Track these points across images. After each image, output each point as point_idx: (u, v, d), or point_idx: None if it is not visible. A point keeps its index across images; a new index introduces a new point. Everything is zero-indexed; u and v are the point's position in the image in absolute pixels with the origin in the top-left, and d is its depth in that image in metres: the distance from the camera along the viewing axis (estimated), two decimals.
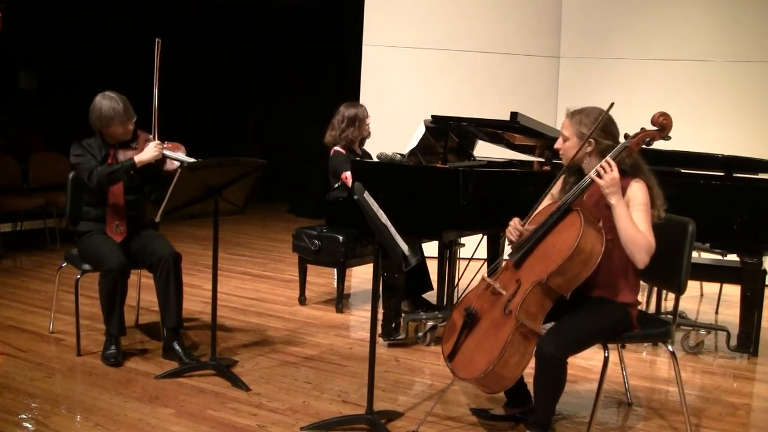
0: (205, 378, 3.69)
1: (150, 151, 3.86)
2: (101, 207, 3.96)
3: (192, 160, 3.81)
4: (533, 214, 3.09)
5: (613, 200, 2.84)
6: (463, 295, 3.25)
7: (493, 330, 2.94)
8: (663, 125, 2.92)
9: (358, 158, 4.89)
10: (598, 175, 2.85)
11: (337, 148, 5.00)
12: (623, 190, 2.89)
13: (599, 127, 2.94)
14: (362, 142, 5.18)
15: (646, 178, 2.96)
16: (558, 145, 3.08)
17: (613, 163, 2.85)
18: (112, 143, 3.95)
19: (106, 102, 3.87)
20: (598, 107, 3.02)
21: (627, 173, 2.94)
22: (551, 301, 2.91)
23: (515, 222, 3.09)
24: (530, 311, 2.88)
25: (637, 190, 2.91)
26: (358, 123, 5.03)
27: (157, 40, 3.91)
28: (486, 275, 3.23)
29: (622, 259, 2.96)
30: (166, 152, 3.89)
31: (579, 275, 2.85)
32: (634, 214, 2.86)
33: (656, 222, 2.92)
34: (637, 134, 2.92)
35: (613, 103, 2.93)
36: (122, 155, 3.92)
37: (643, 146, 2.92)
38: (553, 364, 2.79)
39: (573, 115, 3.04)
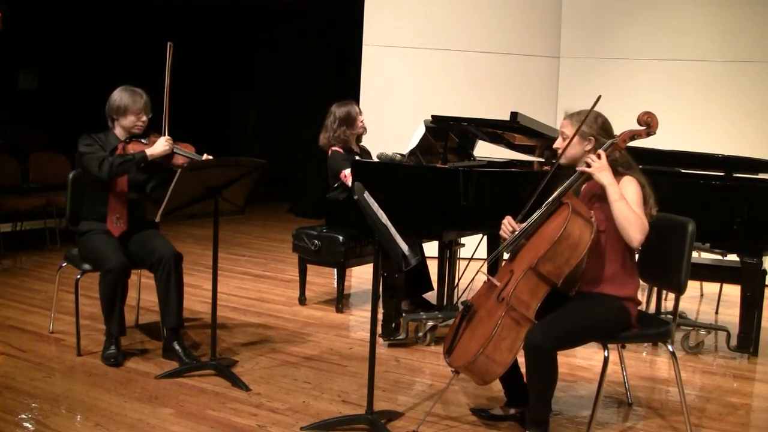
0: (205, 378, 3.69)
1: (161, 145, 3.87)
2: (103, 204, 3.95)
3: (201, 158, 3.83)
4: (525, 212, 3.12)
5: (606, 182, 2.92)
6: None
7: (486, 318, 2.99)
8: (648, 123, 3.05)
9: (357, 157, 4.89)
10: (588, 165, 2.95)
11: (334, 148, 4.99)
12: None
13: (599, 126, 3.06)
14: (359, 140, 5.17)
15: (638, 176, 3.04)
16: (557, 144, 3.15)
17: (602, 153, 2.96)
18: (124, 138, 3.96)
19: (128, 93, 3.93)
20: (596, 110, 3.09)
21: (619, 171, 3.02)
22: (544, 288, 2.93)
23: (509, 220, 3.13)
24: (522, 298, 2.92)
25: (629, 184, 2.98)
26: (351, 121, 5.00)
27: (169, 44, 3.93)
28: (484, 273, 3.26)
29: (616, 254, 2.99)
30: (179, 150, 3.90)
31: (568, 261, 2.88)
32: (627, 199, 2.92)
33: (648, 221, 2.95)
34: (623, 132, 3.04)
35: (600, 96, 2.99)
36: (131, 150, 3.92)
37: (629, 143, 3.03)
38: (541, 355, 2.82)
39: (572, 115, 3.12)
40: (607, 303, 2.99)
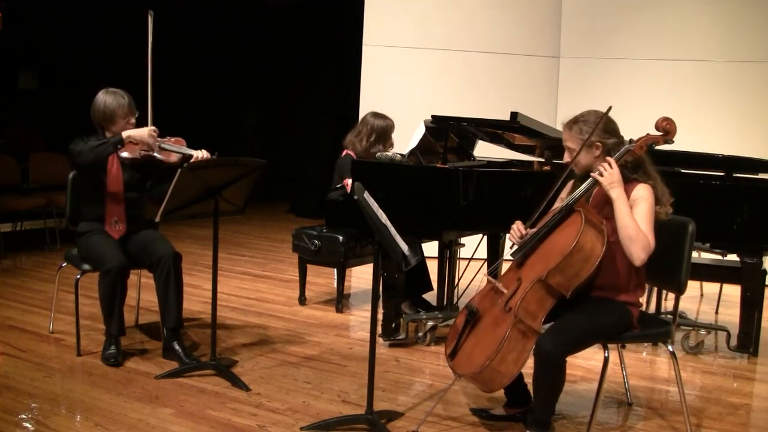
0: (205, 378, 3.69)
1: (143, 130, 3.83)
2: (101, 205, 3.95)
3: (193, 151, 3.81)
4: (535, 217, 3.09)
5: (614, 195, 2.88)
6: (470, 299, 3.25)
7: (493, 327, 2.96)
8: (666, 130, 2.98)
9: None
10: (600, 174, 2.90)
11: (349, 151, 4.94)
12: (628, 193, 2.93)
13: (601, 129, 2.96)
14: None
15: (652, 180, 2.98)
16: (566, 158, 3.08)
17: (613, 162, 2.90)
18: None
19: (110, 97, 3.89)
20: (593, 110, 3.03)
21: (633, 177, 2.97)
22: (552, 299, 2.92)
23: (518, 225, 3.10)
24: (530, 309, 2.89)
25: (643, 191, 2.93)
26: (386, 139, 4.93)
27: (149, 11, 3.89)
28: (488, 275, 3.24)
29: (625, 262, 2.96)
30: (167, 145, 3.88)
31: (579, 274, 2.86)
32: (637, 214, 2.89)
33: (664, 219, 2.95)
34: (640, 138, 2.97)
35: (611, 107, 2.94)
36: (126, 152, 3.91)
37: (647, 150, 2.96)
38: (551, 362, 2.81)
39: (570, 126, 3.04)
40: (611, 307, 2.98)
